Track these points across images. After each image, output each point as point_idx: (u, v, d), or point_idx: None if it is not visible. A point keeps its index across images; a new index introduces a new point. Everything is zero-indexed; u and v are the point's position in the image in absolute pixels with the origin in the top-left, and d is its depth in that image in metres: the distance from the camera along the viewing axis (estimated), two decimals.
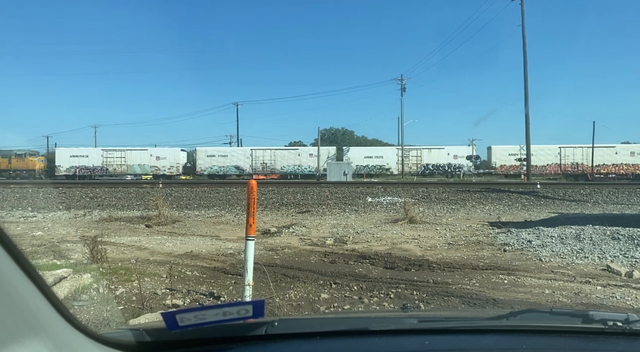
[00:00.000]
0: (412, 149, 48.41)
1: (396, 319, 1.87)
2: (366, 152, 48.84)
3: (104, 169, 47.27)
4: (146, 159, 47.49)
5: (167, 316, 1.16)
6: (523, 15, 33.87)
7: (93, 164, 47.29)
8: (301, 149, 49.77)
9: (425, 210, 15.46)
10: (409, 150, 48.18)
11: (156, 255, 7.79)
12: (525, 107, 34.79)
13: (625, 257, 7.29)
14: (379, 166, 47.67)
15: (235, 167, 47.34)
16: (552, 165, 45.60)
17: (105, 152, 47.95)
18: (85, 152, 48.20)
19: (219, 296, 5.35)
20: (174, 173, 46.72)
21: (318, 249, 8.40)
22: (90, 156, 47.58)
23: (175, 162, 47.34)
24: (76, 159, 47.30)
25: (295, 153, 48.36)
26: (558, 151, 45.61)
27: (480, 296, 5.30)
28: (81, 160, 47.27)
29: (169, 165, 47.12)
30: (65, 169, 46.73)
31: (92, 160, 47.38)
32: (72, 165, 46.97)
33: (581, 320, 1.52)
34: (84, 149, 49.06)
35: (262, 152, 48.26)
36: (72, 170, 46.63)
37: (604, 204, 17.64)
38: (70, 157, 47.33)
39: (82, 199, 19.40)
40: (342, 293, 5.47)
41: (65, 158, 47.17)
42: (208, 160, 47.50)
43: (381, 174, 46.90)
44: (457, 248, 8.46)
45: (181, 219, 13.14)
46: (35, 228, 11.28)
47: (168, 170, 46.82)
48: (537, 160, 44.73)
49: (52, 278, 5.07)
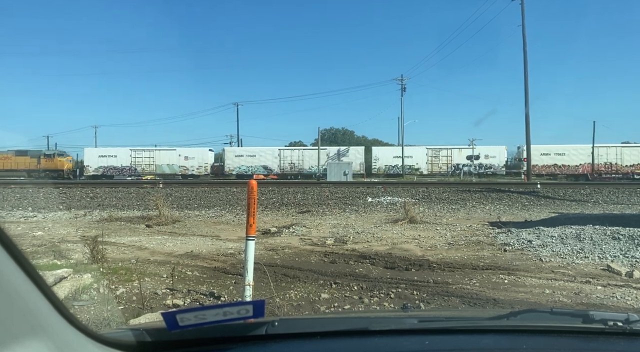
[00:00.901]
0: (442, 148, 47.65)
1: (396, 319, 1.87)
2: (395, 152, 48.21)
3: (132, 168, 47.30)
4: (175, 159, 47.53)
5: (167, 316, 1.17)
6: (523, 15, 33.89)
7: (121, 164, 47.33)
8: (330, 149, 49.40)
9: (425, 210, 15.46)
10: (439, 150, 47.47)
11: (156, 255, 7.79)
12: (526, 107, 34.84)
13: (626, 257, 7.29)
14: (408, 166, 47.15)
15: (264, 167, 47.26)
16: (585, 165, 44.78)
17: (133, 152, 48.00)
18: (113, 152, 48.16)
19: (219, 295, 5.35)
20: (202, 173, 46.67)
21: (318, 249, 8.40)
22: (118, 156, 47.61)
23: (203, 162, 47.37)
24: (104, 159, 47.37)
25: (324, 153, 48.06)
26: (591, 151, 44.76)
27: (480, 295, 5.30)
28: (110, 160, 47.34)
29: (197, 165, 47.11)
30: (94, 169, 46.80)
31: (121, 160, 47.43)
32: (101, 165, 47.01)
33: (581, 320, 1.52)
34: (112, 149, 49.00)
35: (290, 152, 48.32)
36: (101, 170, 46.71)
37: (604, 204, 17.64)
38: (99, 157, 47.40)
39: (83, 199, 19.41)
40: (343, 293, 5.47)
41: (93, 158, 47.25)
42: (236, 160, 47.51)
43: (410, 174, 46.30)
44: (458, 248, 8.46)
45: (181, 219, 13.14)
46: (36, 228, 11.28)
47: (196, 170, 46.84)
48: (569, 160, 44.39)
49: (52, 278, 5.07)
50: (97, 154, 47.72)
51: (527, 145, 35.96)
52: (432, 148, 47.86)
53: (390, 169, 46.91)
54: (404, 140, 50.63)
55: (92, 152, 48.08)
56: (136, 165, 47.57)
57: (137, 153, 48.02)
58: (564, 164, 44.65)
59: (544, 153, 45.14)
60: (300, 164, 47.76)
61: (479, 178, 42.36)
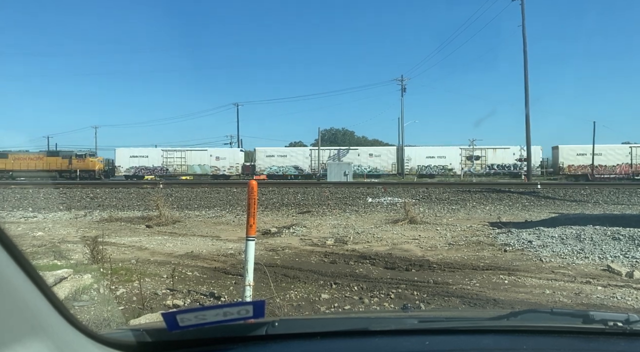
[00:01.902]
0: (476, 149, 47.10)
1: (396, 320, 1.87)
2: (428, 152, 47.56)
3: (164, 169, 47.29)
4: (206, 159, 47.50)
5: (167, 316, 1.17)
6: (523, 16, 33.91)
7: (153, 164, 47.31)
8: (361, 149, 49.10)
9: (425, 210, 15.46)
10: (473, 150, 46.99)
11: (157, 255, 7.79)
12: (526, 108, 34.84)
13: (626, 258, 7.29)
14: (442, 166, 46.72)
15: (295, 168, 47.17)
16: (623, 165, 44.42)
17: (165, 153, 48.03)
18: (145, 153, 48.20)
19: (220, 296, 5.35)
20: (233, 173, 46.62)
21: (318, 249, 8.40)
22: (150, 156, 47.65)
23: (234, 163, 47.34)
24: (136, 159, 47.37)
25: (355, 153, 47.93)
26: (629, 151, 44.51)
27: (480, 296, 5.30)
28: (141, 161, 47.33)
29: (228, 166, 47.10)
30: (125, 170, 46.78)
31: (152, 160, 47.45)
32: (132, 165, 47.00)
33: (582, 320, 1.52)
34: (144, 150, 49.03)
35: (322, 152, 48.08)
36: (132, 170, 46.70)
37: (605, 205, 17.63)
38: (130, 157, 47.39)
39: (83, 200, 19.41)
40: (343, 293, 5.47)
41: (125, 158, 47.23)
42: (267, 161, 47.40)
43: (444, 174, 45.76)
44: (458, 248, 8.46)
45: (182, 220, 13.14)
46: (36, 228, 11.28)
47: (228, 170, 46.82)
48: (607, 160, 44.08)
49: (52, 278, 5.07)
50: (128, 155, 47.62)
51: (527, 145, 35.96)
52: (465, 148, 47.24)
53: (423, 169, 46.36)
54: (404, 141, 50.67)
55: (124, 153, 47.93)
56: (168, 165, 47.52)
57: (168, 153, 48.04)
58: (600, 165, 44.25)
59: (580, 153, 44.70)
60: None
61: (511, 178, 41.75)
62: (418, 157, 47.07)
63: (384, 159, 47.09)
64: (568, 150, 45.27)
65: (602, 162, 44.16)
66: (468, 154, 46.82)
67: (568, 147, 45.61)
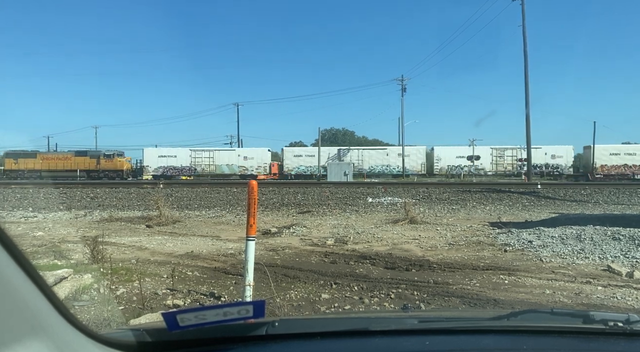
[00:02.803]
0: (507, 148, 46.47)
1: (397, 320, 1.87)
2: (458, 152, 47.01)
3: (192, 169, 47.30)
4: (234, 159, 47.52)
5: (167, 316, 1.17)
6: (524, 16, 33.90)
7: (181, 164, 47.27)
8: (390, 149, 48.64)
9: (425, 210, 15.46)
10: (504, 149, 46.37)
11: (157, 255, 7.80)
12: (526, 108, 34.82)
13: (626, 258, 7.29)
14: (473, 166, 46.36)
15: (323, 167, 46.75)
16: None
17: (193, 152, 48.01)
18: (173, 153, 48.20)
19: (220, 296, 5.35)
20: (260, 173, 46.45)
21: (319, 249, 8.40)
22: (178, 156, 47.62)
23: (262, 162, 47.24)
24: (164, 159, 47.40)
25: (384, 153, 47.67)
26: None
27: (480, 296, 5.30)
28: (169, 161, 47.32)
29: (256, 165, 47.02)
30: (154, 169, 46.78)
31: (181, 160, 47.41)
32: (160, 165, 47.01)
33: (582, 320, 1.52)
34: (172, 149, 49.11)
35: (350, 152, 48.00)
36: (160, 170, 46.69)
37: (605, 205, 17.63)
38: (159, 157, 47.45)
39: (83, 200, 19.41)
40: (343, 293, 5.47)
41: (153, 158, 47.28)
42: (295, 161, 47.43)
43: (476, 174, 45.21)
44: (458, 248, 8.46)
45: (182, 220, 13.14)
46: (36, 228, 11.29)
47: (255, 170, 46.71)
48: None
49: (52, 278, 5.07)
50: (156, 155, 47.69)
51: (528, 145, 35.95)
52: (496, 148, 46.72)
53: (452, 170, 45.86)
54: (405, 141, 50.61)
55: (152, 153, 48.00)
56: (196, 165, 47.51)
57: (197, 153, 48.03)
58: (634, 164, 44.05)
59: (614, 153, 44.36)
60: (360, 164, 47.30)
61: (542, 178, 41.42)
62: (448, 157, 46.53)
63: (413, 159, 46.67)
64: (601, 150, 44.55)
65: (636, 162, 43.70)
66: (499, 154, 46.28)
67: (601, 146, 44.90)
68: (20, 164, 44.75)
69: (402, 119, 52.68)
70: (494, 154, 46.52)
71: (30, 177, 42.62)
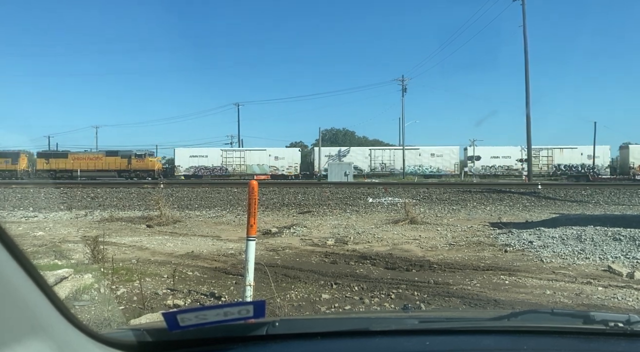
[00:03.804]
0: (542, 149, 45.80)
1: (397, 320, 1.87)
2: (493, 152, 46.51)
3: (223, 169, 47.40)
4: (265, 159, 47.46)
5: (168, 316, 1.17)
6: (524, 16, 33.87)
7: (212, 164, 47.38)
8: (422, 149, 47.94)
9: (426, 211, 15.46)
10: (539, 150, 45.51)
11: (157, 255, 7.80)
12: (527, 108, 34.77)
13: (627, 258, 7.28)
14: (506, 167, 45.77)
15: (354, 167, 46.35)
16: None
17: (224, 153, 48.20)
18: (204, 153, 48.31)
19: (220, 296, 5.35)
20: (291, 173, 46.45)
21: (319, 249, 8.40)
22: (209, 156, 47.73)
23: (293, 162, 47.24)
24: (196, 159, 47.49)
25: (416, 153, 47.23)
26: None
27: (481, 296, 5.30)
28: (201, 161, 47.41)
29: (287, 166, 47.01)
30: (185, 169, 46.88)
31: (212, 160, 47.53)
32: (192, 165, 47.09)
33: (582, 321, 1.52)
34: (203, 149, 49.25)
35: (381, 152, 47.78)
36: (192, 170, 46.80)
37: (605, 205, 17.62)
38: (190, 157, 47.52)
39: (84, 199, 19.43)
40: (343, 293, 5.47)
41: (184, 158, 47.39)
42: (326, 160, 47.13)
43: (509, 175, 44.70)
44: (458, 249, 8.46)
45: (182, 219, 13.15)
46: (37, 228, 11.29)
47: (286, 170, 46.71)
48: None
49: (53, 278, 5.08)
50: (188, 154, 47.77)
51: (528, 146, 35.91)
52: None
53: (487, 170, 45.44)
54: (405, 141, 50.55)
55: (183, 153, 48.13)
56: (227, 165, 47.58)
57: (227, 153, 48.21)
58: None
59: None
60: (392, 164, 47.11)
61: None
62: (482, 157, 46.00)
63: (446, 159, 46.25)
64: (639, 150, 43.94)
65: None
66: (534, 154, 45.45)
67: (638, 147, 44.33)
68: (52, 164, 44.75)
69: (403, 119, 52.72)
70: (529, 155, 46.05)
71: (61, 177, 42.79)
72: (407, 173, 45.98)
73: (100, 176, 42.16)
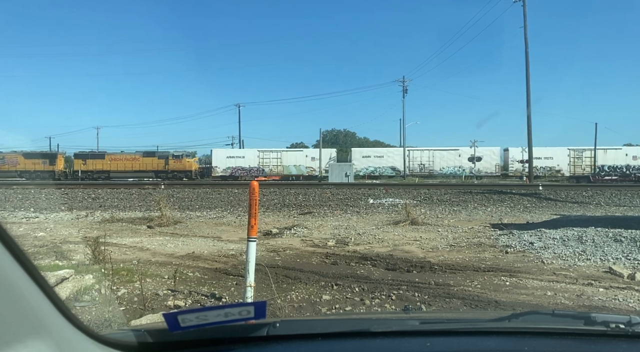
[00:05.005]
0: (585, 149, 45.11)
1: (398, 321, 1.87)
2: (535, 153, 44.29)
3: (260, 169, 47.30)
4: (302, 160, 47.43)
5: (169, 317, 1.17)
6: (525, 17, 33.85)
7: (249, 164, 47.30)
8: (462, 150, 47.21)
9: (427, 212, 15.45)
10: (582, 151, 44.92)
11: (158, 256, 7.80)
12: (528, 109, 34.72)
13: (628, 260, 7.27)
14: (549, 168, 45.05)
15: (392, 168, 46.48)
16: None
17: (261, 153, 48.06)
18: (241, 153, 48.52)
19: (221, 297, 5.35)
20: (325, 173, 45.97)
21: (320, 250, 8.39)
22: (246, 157, 47.74)
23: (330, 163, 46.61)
24: (232, 160, 47.52)
25: (456, 154, 46.75)
26: None
27: (482, 297, 5.29)
28: (237, 161, 47.40)
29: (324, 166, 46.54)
30: (222, 170, 46.82)
31: (249, 161, 47.48)
32: (229, 166, 47.06)
33: (583, 322, 1.52)
34: (240, 150, 49.47)
35: (420, 153, 47.30)
36: (229, 171, 46.77)
37: (607, 206, 17.59)
38: (227, 158, 47.57)
39: (84, 200, 19.44)
40: (344, 294, 5.46)
41: (221, 159, 47.39)
42: (364, 161, 47.00)
43: (551, 176, 43.94)
44: (459, 250, 8.45)
45: (183, 220, 13.15)
46: (38, 229, 11.30)
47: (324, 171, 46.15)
48: None
49: (54, 279, 5.08)
50: (225, 155, 47.85)
51: (529, 147, 35.83)
52: (574, 149, 45.31)
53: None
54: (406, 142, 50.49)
55: (220, 153, 48.21)
56: (264, 166, 47.46)
57: (264, 154, 47.99)
58: None
59: None
60: (431, 165, 46.70)
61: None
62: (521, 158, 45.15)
63: (487, 160, 45.73)
64: None
65: None
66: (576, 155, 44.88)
67: None
68: (89, 165, 44.76)
69: (404, 120, 52.73)
70: (571, 155, 44.96)
71: (98, 178, 42.91)
72: (445, 173, 45.37)
73: (137, 177, 41.95)
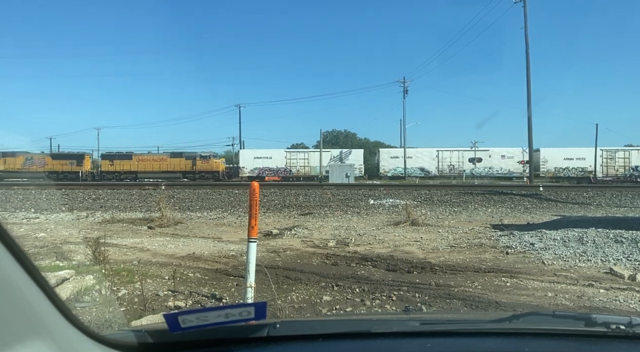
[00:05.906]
0: (618, 150, 44.68)
1: (398, 322, 1.87)
2: (566, 153, 45.15)
3: (287, 170, 47.20)
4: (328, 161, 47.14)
5: (169, 318, 1.17)
6: (526, 18, 33.87)
7: (277, 165, 47.20)
8: (492, 150, 46.87)
9: (427, 212, 15.44)
10: (615, 151, 44.45)
11: (158, 257, 7.80)
12: (528, 109, 34.72)
13: (629, 260, 7.26)
14: (580, 168, 44.41)
15: (420, 169, 46.24)
16: None
17: (288, 154, 48.14)
18: (269, 154, 48.13)
19: (221, 297, 5.35)
20: (356, 174, 45.53)
21: (320, 251, 8.39)
22: (274, 157, 47.55)
23: (358, 164, 46.63)
24: (260, 160, 47.34)
25: (486, 154, 46.47)
26: None
27: (482, 298, 5.29)
28: (265, 162, 47.25)
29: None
30: (249, 171, 46.73)
31: (276, 161, 47.34)
32: (256, 166, 46.95)
33: (584, 323, 1.52)
34: (268, 151, 49.03)
35: (449, 154, 47.08)
36: (256, 171, 46.61)
37: (607, 207, 17.58)
38: (254, 158, 47.39)
39: (85, 201, 19.45)
40: (344, 295, 5.46)
41: (249, 159, 47.33)
42: (392, 162, 46.81)
43: (582, 177, 43.43)
44: (460, 251, 8.45)
45: (183, 221, 13.16)
46: (38, 229, 11.31)
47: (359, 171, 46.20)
48: None
49: (54, 279, 5.08)
50: (252, 156, 47.64)
51: (530, 147, 35.84)
52: (607, 149, 44.79)
53: (560, 172, 44.36)
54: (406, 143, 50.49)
55: (247, 154, 48.09)
56: (291, 166, 47.36)
57: (291, 154, 48.09)
58: None
59: None
60: (460, 166, 46.43)
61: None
62: (555, 159, 44.87)
63: (517, 160, 45.38)
64: None
65: None
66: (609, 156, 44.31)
67: None
68: (116, 166, 44.68)
69: (404, 121, 52.80)
70: (603, 155, 44.34)
71: (125, 178, 42.94)
72: (474, 176, 44.98)
73: (165, 178, 41.80)
